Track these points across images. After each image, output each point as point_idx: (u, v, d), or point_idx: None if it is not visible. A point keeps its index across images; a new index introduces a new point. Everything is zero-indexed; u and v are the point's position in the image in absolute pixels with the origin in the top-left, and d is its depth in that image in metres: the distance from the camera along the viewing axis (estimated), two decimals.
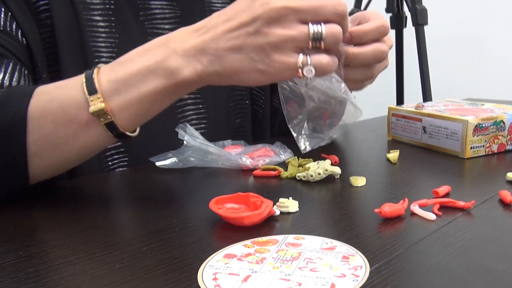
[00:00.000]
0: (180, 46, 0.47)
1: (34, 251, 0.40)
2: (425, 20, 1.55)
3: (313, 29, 0.44)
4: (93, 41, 0.66)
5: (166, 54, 0.47)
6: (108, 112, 0.47)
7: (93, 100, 0.47)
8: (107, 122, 0.48)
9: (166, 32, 0.72)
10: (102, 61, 0.66)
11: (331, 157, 0.64)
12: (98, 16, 0.66)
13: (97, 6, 0.67)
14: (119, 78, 0.48)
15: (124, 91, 0.48)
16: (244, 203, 0.47)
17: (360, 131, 0.92)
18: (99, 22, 0.66)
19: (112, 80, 0.48)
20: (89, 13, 0.66)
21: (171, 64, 0.47)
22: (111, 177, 0.64)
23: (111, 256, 0.38)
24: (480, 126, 0.66)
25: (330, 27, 0.45)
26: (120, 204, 0.54)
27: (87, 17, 0.65)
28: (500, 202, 0.48)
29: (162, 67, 0.47)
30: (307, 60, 0.44)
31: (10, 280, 0.35)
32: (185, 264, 0.36)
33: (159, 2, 0.72)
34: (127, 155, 0.68)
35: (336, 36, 0.45)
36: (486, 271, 0.34)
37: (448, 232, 0.41)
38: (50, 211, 0.51)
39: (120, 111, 0.48)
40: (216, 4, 0.83)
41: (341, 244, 0.39)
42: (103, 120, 0.48)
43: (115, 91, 0.48)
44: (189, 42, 0.47)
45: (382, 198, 0.51)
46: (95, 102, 0.47)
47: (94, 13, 0.66)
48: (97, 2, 0.67)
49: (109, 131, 0.49)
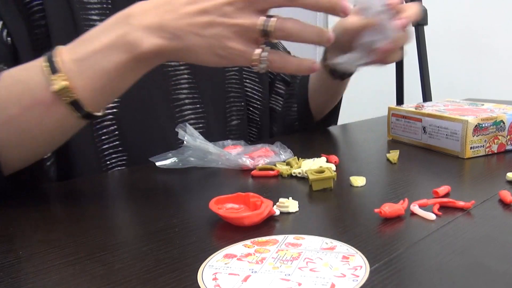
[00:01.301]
0: (140, 22, 0.48)
1: (34, 251, 0.40)
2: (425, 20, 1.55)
3: (262, 22, 0.46)
4: None
5: (126, 29, 0.48)
6: (72, 90, 0.47)
7: (55, 79, 0.47)
8: (71, 100, 0.48)
9: None
10: None
11: (331, 157, 0.64)
12: (96, 15, 0.66)
13: (94, 5, 0.66)
14: (82, 56, 0.48)
15: (87, 69, 0.48)
16: (244, 203, 0.47)
17: (360, 131, 0.93)
18: (96, 21, 0.66)
19: (74, 59, 0.48)
20: (86, 12, 0.66)
21: (131, 38, 0.47)
22: (111, 177, 0.64)
23: (111, 256, 0.38)
24: (480, 126, 0.66)
25: (280, 22, 0.46)
26: (120, 204, 0.54)
27: (84, 17, 0.65)
28: (500, 202, 0.48)
29: (123, 41, 0.47)
30: (262, 55, 0.46)
31: (10, 280, 0.35)
32: (185, 264, 0.36)
33: None
34: (126, 154, 0.68)
35: (287, 31, 0.46)
36: (486, 271, 0.34)
37: (448, 232, 0.41)
38: (50, 211, 0.51)
39: (84, 89, 0.48)
40: None
41: (341, 244, 0.39)
42: (68, 98, 0.48)
43: (78, 70, 0.48)
44: (149, 18, 0.48)
45: (382, 198, 0.51)
46: (58, 81, 0.47)
47: (91, 12, 0.66)
48: (94, 2, 0.67)
49: (75, 110, 0.49)
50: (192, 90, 0.75)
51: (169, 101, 0.73)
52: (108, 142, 0.67)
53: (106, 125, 0.67)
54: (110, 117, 0.67)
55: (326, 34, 0.48)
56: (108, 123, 0.67)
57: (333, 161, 0.63)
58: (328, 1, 0.47)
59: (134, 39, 0.47)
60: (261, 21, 0.46)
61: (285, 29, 0.46)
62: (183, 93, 0.74)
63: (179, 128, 0.64)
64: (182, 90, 0.74)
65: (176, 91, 0.73)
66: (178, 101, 0.74)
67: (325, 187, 0.54)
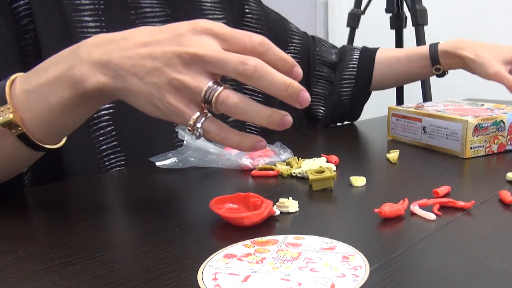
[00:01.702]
0: (89, 56, 0.45)
1: (34, 251, 0.40)
2: (425, 20, 1.55)
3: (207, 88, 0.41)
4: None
5: (73, 62, 0.45)
6: (19, 123, 0.46)
7: (3, 110, 0.45)
8: (18, 133, 0.46)
9: None
10: None
11: (330, 157, 0.64)
12: (88, 16, 0.66)
13: (86, 6, 0.66)
14: (31, 88, 0.46)
15: (34, 102, 0.46)
16: (244, 203, 0.47)
17: (360, 131, 0.93)
18: (89, 22, 0.66)
19: (25, 90, 0.46)
20: (79, 14, 0.66)
21: (76, 73, 0.45)
22: (111, 177, 0.64)
23: (111, 256, 0.38)
24: (480, 126, 0.66)
25: (226, 95, 0.41)
26: (120, 204, 0.54)
27: (76, 19, 0.65)
28: (500, 202, 0.48)
29: (68, 76, 0.45)
30: (199, 120, 0.42)
31: (10, 280, 0.35)
32: (185, 264, 0.36)
33: (149, 0, 0.73)
34: (124, 154, 0.68)
35: (230, 107, 0.41)
36: (486, 271, 0.34)
37: (448, 232, 0.41)
38: (50, 211, 0.51)
39: (31, 122, 0.46)
40: (207, 2, 0.83)
41: (341, 244, 0.39)
42: (15, 131, 0.46)
43: (27, 101, 0.46)
44: (96, 53, 0.45)
45: (382, 198, 0.51)
46: (5, 112, 0.45)
47: (83, 14, 0.66)
48: (87, 3, 0.67)
49: (23, 142, 0.47)
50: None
51: None
52: (106, 142, 0.67)
53: (103, 126, 0.67)
54: (106, 118, 0.67)
55: (277, 120, 0.41)
56: (105, 123, 0.67)
57: (333, 161, 0.63)
58: (285, 90, 0.40)
59: (79, 74, 0.45)
60: (206, 87, 0.41)
61: (228, 104, 0.41)
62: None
63: (179, 128, 0.64)
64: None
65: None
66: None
67: (325, 187, 0.54)
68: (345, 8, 1.91)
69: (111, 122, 0.67)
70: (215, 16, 0.83)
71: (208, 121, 0.42)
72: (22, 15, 0.62)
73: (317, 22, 2.34)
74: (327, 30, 2.42)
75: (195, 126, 0.41)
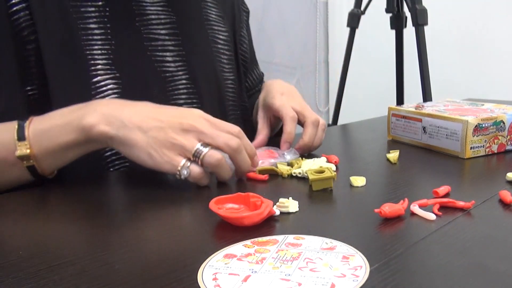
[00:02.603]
0: (100, 108, 0.55)
1: (34, 251, 0.40)
2: (425, 20, 1.55)
3: (197, 148, 0.54)
4: (89, 49, 0.66)
5: (86, 112, 0.55)
6: (31, 157, 0.55)
7: (20, 145, 0.55)
8: (29, 165, 0.55)
9: (162, 37, 0.73)
10: (98, 68, 0.66)
11: (331, 157, 0.64)
12: (93, 23, 0.66)
13: (92, 14, 0.67)
14: (44, 128, 0.55)
15: (45, 140, 0.55)
16: (244, 203, 0.48)
17: (360, 131, 0.93)
18: (95, 29, 0.66)
19: (38, 129, 0.55)
20: (84, 21, 0.66)
21: (86, 121, 0.54)
22: (111, 177, 0.64)
23: (111, 256, 0.38)
24: (480, 126, 0.66)
25: (210, 154, 0.54)
26: (120, 204, 0.54)
27: (82, 26, 0.65)
28: (500, 202, 0.48)
29: (78, 123, 0.54)
30: (186, 165, 0.54)
31: (10, 280, 0.35)
32: (185, 264, 0.37)
33: (155, 8, 0.73)
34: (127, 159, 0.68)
35: (211, 163, 0.54)
36: (486, 271, 0.34)
37: (448, 232, 0.41)
38: (50, 211, 0.51)
39: (40, 157, 0.55)
40: (212, 9, 0.83)
41: (341, 244, 0.39)
42: (26, 163, 0.55)
43: (39, 140, 0.55)
44: (110, 108, 0.55)
45: (382, 198, 0.51)
46: (22, 147, 0.55)
47: (89, 21, 0.66)
48: (92, 10, 0.67)
49: (30, 172, 0.56)
50: (191, 95, 0.75)
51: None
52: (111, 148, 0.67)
53: None
54: None
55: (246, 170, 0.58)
56: None
57: (333, 161, 0.63)
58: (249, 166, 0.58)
59: (87, 122, 0.54)
60: (196, 146, 0.54)
61: (210, 163, 0.54)
62: (181, 98, 0.74)
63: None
64: (181, 96, 0.74)
65: (174, 96, 0.74)
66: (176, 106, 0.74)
67: (325, 187, 0.54)
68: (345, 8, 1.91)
69: None
70: (220, 27, 0.83)
71: (194, 164, 0.54)
72: (23, 26, 0.62)
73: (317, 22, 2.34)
74: (327, 30, 2.42)
75: (183, 168, 0.53)
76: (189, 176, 0.54)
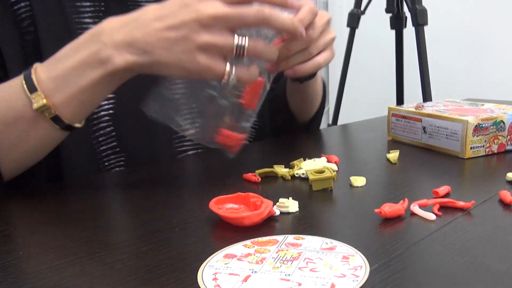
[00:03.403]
0: (110, 39, 0.50)
1: (34, 251, 0.40)
2: (425, 20, 1.55)
3: (237, 41, 0.48)
4: None
5: (97, 47, 0.50)
6: (51, 107, 0.51)
7: (34, 97, 0.50)
8: (51, 116, 0.51)
9: None
10: None
11: (331, 157, 0.64)
12: (89, 18, 0.66)
13: (87, 8, 0.67)
14: (58, 74, 0.51)
15: (64, 87, 0.50)
16: (244, 203, 0.48)
17: (360, 131, 0.92)
18: (89, 24, 0.66)
19: (51, 77, 0.51)
20: (79, 16, 0.66)
21: (103, 55, 0.49)
22: (111, 177, 0.65)
23: (111, 256, 0.38)
24: (480, 126, 0.66)
25: (253, 42, 0.48)
26: (120, 204, 0.54)
27: (77, 20, 0.65)
28: (500, 202, 0.48)
29: (95, 59, 0.50)
30: (232, 70, 0.48)
31: (10, 280, 0.35)
32: (185, 264, 0.36)
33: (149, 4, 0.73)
34: (123, 154, 0.68)
35: (257, 49, 0.49)
36: (486, 271, 0.34)
37: (448, 232, 0.41)
38: (49, 211, 0.51)
39: (62, 105, 0.51)
40: None
41: (341, 244, 0.39)
42: (48, 114, 0.51)
43: (56, 88, 0.50)
44: (119, 36, 0.50)
45: (382, 198, 0.51)
46: (37, 99, 0.50)
47: (84, 16, 0.66)
48: (87, 5, 0.67)
49: (56, 124, 0.52)
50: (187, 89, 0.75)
51: None
52: (106, 143, 0.67)
53: (103, 127, 0.67)
54: (106, 119, 0.67)
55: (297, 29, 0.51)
56: (105, 124, 0.67)
57: (333, 161, 0.63)
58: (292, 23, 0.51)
59: (106, 56, 0.50)
60: (236, 40, 0.48)
61: (256, 49, 0.49)
62: (177, 93, 0.74)
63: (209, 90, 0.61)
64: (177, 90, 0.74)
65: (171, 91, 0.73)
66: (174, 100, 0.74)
67: (325, 187, 0.54)
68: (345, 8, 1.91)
69: (110, 123, 0.67)
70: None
71: (238, 68, 0.49)
72: (23, 17, 0.62)
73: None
74: None
75: (230, 75, 0.48)
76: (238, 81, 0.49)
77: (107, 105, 0.66)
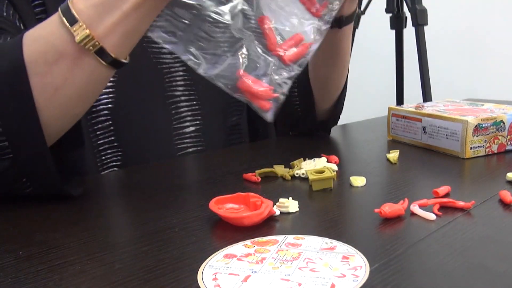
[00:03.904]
0: None
1: (34, 251, 0.40)
2: (425, 20, 1.55)
3: None
4: None
5: None
6: (95, 38, 0.47)
7: (76, 30, 0.46)
8: (96, 49, 0.47)
9: None
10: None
11: (331, 157, 0.64)
12: None
13: None
14: (97, 2, 0.47)
15: (106, 14, 0.47)
16: (244, 203, 0.47)
17: (360, 131, 0.93)
18: None
19: (91, 5, 0.47)
20: None
21: None
22: (111, 177, 0.64)
23: (111, 256, 0.38)
24: (480, 126, 0.66)
25: None
26: (119, 204, 0.54)
27: None
28: (500, 202, 0.48)
29: None
30: None
31: (10, 280, 0.35)
32: (185, 264, 0.36)
33: None
34: (121, 150, 0.68)
35: None
36: (486, 271, 0.34)
37: (448, 232, 0.41)
38: (49, 211, 0.51)
39: (106, 35, 0.47)
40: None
41: (341, 244, 0.39)
42: (92, 48, 0.47)
43: (98, 15, 0.47)
44: None
45: (382, 198, 0.51)
46: (78, 31, 0.46)
47: None
48: None
49: (101, 58, 0.48)
50: (188, 87, 0.75)
51: (165, 98, 0.73)
52: (104, 137, 0.67)
53: (101, 121, 0.66)
54: (105, 113, 0.66)
55: None
56: (103, 118, 0.67)
57: (333, 161, 0.63)
58: None
59: None
60: None
61: None
62: (178, 90, 0.74)
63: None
64: (178, 87, 0.74)
65: (171, 88, 0.73)
66: (173, 98, 0.74)
67: (325, 187, 0.54)
68: None
69: (109, 117, 0.67)
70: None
71: None
72: (36, 4, 0.62)
73: None
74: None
75: None
76: None
77: (106, 99, 0.66)
